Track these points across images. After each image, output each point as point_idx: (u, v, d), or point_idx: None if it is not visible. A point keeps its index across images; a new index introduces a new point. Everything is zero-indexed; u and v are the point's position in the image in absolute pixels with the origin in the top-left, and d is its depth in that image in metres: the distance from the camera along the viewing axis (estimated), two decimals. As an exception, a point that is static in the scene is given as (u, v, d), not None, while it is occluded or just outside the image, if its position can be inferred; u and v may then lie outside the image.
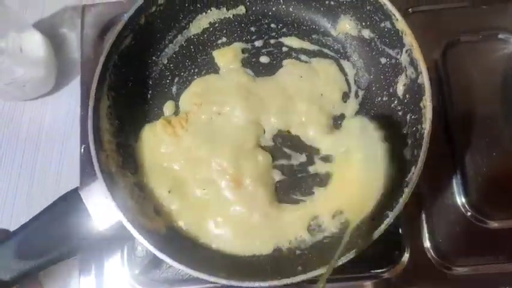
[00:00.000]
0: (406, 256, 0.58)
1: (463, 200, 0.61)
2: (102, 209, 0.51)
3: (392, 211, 0.49)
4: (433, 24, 0.67)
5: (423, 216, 0.60)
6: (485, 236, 0.59)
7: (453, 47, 0.67)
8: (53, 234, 0.51)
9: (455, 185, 0.61)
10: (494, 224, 0.60)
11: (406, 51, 0.56)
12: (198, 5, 0.65)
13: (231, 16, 0.67)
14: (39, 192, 0.66)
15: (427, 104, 0.53)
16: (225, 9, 0.67)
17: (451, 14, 0.68)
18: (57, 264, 0.52)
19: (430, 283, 0.59)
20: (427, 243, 0.59)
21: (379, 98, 0.62)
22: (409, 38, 0.55)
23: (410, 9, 0.67)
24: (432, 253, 0.59)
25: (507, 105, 0.64)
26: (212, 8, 0.66)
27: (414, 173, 0.50)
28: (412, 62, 0.55)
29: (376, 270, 0.58)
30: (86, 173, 0.63)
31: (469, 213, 0.60)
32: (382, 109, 0.61)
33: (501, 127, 0.63)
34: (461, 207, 0.60)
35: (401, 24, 0.56)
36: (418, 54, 0.54)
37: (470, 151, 0.63)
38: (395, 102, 0.60)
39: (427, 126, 0.52)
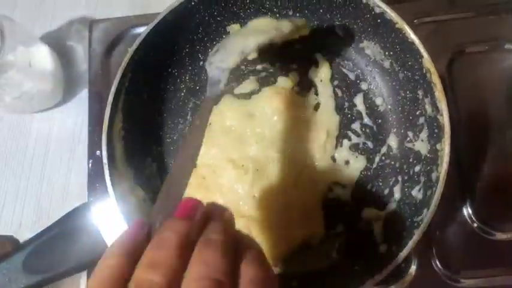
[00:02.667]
0: (413, 268, 0.58)
1: (470, 211, 0.60)
2: (112, 226, 0.51)
3: (401, 252, 0.49)
4: (438, 35, 0.66)
5: (430, 228, 0.60)
6: (493, 248, 0.59)
7: (459, 57, 0.66)
8: (61, 250, 0.51)
9: (462, 197, 0.61)
10: (501, 236, 0.59)
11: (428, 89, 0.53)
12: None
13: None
14: (47, 203, 0.67)
15: (446, 146, 0.50)
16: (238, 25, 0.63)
17: (457, 24, 0.67)
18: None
19: (437, 295, 0.58)
20: (434, 255, 0.59)
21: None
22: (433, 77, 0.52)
23: (416, 21, 0.66)
24: (439, 265, 0.58)
25: (514, 116, 0.64)
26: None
27: (427, 216, 0.49)
28: (433, 102, 0.53)
29: (383, 283, 0.57)
30: (94, 188, 0.63)
31: (475, 225, 0.60)
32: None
33: (508, 138, 0.63)
34: (468, 219, 0.60)
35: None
36: (440, 95, 0.51)
37: (477, 162, 0.62)
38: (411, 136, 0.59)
39: (442, 170, 0.49)
